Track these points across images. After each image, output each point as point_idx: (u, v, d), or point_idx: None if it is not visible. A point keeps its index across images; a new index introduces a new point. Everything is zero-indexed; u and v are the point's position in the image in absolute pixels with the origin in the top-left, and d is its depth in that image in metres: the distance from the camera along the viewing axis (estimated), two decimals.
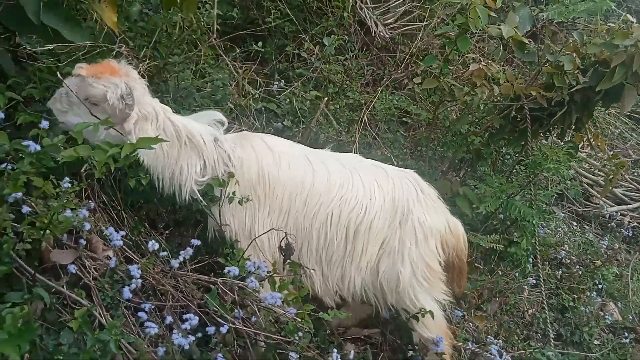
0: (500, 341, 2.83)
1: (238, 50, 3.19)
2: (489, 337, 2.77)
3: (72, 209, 1.73)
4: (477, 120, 3.42)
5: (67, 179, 1.68)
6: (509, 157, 3.86)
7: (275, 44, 3.54)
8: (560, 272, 3.55)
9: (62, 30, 1.96)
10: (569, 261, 3.68)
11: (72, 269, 1.79)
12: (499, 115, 3.21)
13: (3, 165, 1.52)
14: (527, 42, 2.91)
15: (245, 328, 1.95)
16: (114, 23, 1.97)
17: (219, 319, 1.91)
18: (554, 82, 2.85)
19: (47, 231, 1.60)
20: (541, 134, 3.42)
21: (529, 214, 3.02)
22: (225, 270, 1.96)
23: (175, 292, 2.05)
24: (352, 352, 2.08)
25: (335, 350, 1.97)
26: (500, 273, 3.17)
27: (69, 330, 1.48)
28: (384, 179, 2.28)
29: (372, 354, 2.36)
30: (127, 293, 1.68)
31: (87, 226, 1.80)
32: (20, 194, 1.56)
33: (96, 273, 1.97)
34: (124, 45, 2.30)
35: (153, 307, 1.87)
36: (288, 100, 3.16)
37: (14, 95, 1.91)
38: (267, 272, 2.02)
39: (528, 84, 3.19)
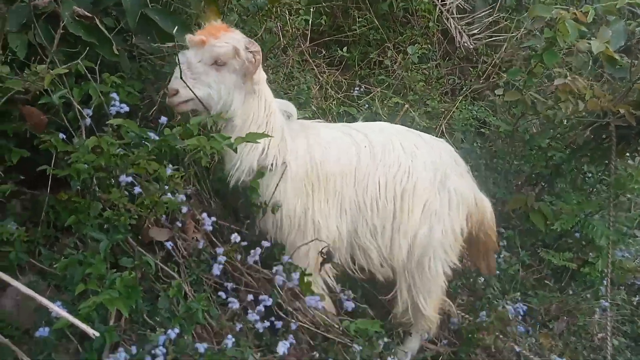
0: None
1: (324, 52, 3.34)
2: (554, 355, 2.74)
3: (172, 193, 1.95)
4: (559, 135, 3.36)
5: (171, 166, 1.90)
6: (590, 175, 3.73)
7: (359, 50, 3.68)
8: (637, 298, 3.40)
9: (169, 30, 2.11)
10: None
11: (169, 245, 2.03)
12: (583, 132, 3.14)
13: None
14: (618, 58, 2.82)
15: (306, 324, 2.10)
16: None
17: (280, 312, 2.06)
18: None
19: (152, 210, 1.83)
20: (627, 154, 3.29)
21: (606, 234, 2.93)
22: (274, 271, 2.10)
23: (248, 279, 2.24)
24: None
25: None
26: (570, 292, 3.10)
27: (166, 297, 1.70)
28: (422, 143, 2.33)
29: None
30: (216, 270, 1.87)
31: (185, 209, 2.02)
32: (130, 178, 1.80)
33: (185, 252, 2.22)
34: None
35: (233, 287, 2.07)
36: (367, 105, 3.29)
37: (132, 90, 2.14)
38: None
39: (617, 101, 3.09)
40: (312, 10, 3.10)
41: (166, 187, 1.77)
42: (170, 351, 1.61)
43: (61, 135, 1.82)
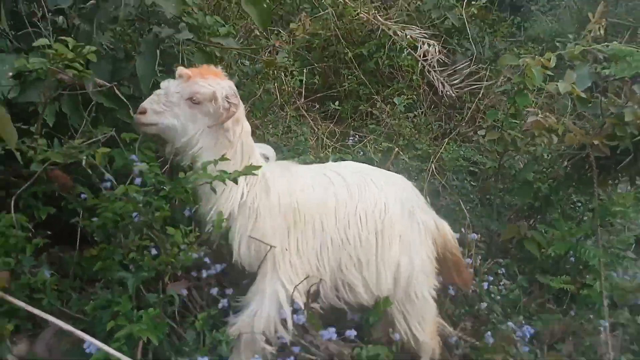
0: None
1: (318, 107, 3.63)
2: None
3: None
4: (543, 169, 3.58)
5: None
6: (580, 204, 3.92)
7: (351, 104, 3.99)
8: None
9: None
10: None
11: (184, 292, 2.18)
12: (564, 165, 3.37)
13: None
14: (585, 97, 3.10)
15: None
16: None
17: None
18: (616, 132, 2.99)
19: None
20: (610, 182, 3.50)
21: (599, 256, 3.08)
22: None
23: None
24: None
25: None
26: (573, 314, 3.19)
27: (193, 329, 1.85)
28: (390, 181, 2.45)
29: None
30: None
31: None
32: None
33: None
34: None
35: None
36: (361, 152, 3.53)
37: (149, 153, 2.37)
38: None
39: (594, 135, 3.33)
40: (305, 71, 3.41)
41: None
42: None
43: (83, 196, 2.05)
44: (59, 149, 1.94)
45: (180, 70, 2.07)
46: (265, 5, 2.17)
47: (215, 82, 2.08)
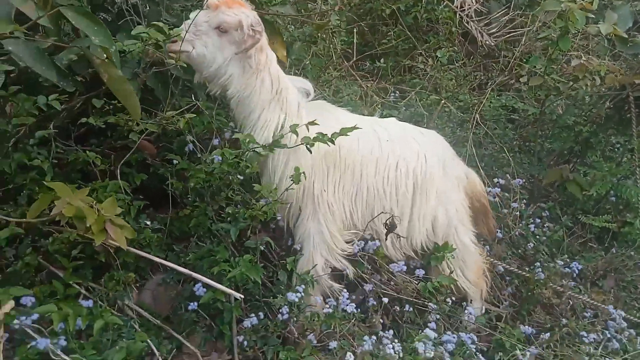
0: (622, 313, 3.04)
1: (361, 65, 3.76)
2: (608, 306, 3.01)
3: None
4: (583, 112, 3.69)
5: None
6: (619, 145, 4.03)
7: (390, 60, 4.11)
8: None
9: None
10: None
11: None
12: (604, 106, 3.47)
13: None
14: (625, 37, 3.16)
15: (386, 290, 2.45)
16: (284, 57, 2.62)
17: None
18: None
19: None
20: None
21: (638, 194, 3.23)
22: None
23: None
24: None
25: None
26: (614, 252, 3.38)
27: (285, 270, 2.13)
28: (427, 138, 2.60)
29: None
30: None
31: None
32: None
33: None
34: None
35: None
36: (405, 107, 3.69)
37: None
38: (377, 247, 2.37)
39: (634, 74, 3.41)
40: (345, 32, 3.53)
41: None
42: (292, 313, 2.02)
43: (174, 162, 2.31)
44: (153, 119, 2.17)
45: (209, 1, 2.14)
46: None
47: (240, 11, 2.15)
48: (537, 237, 3.27)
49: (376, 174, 2.39)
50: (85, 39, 1.71)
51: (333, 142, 2.08)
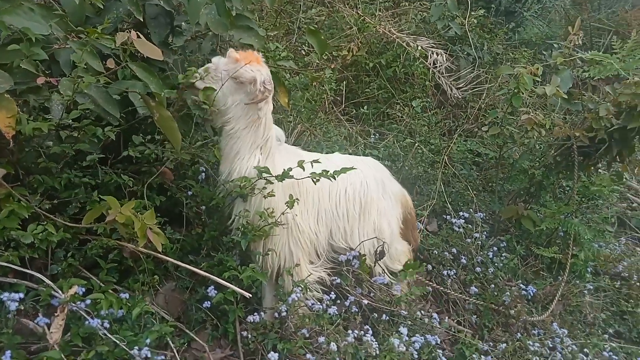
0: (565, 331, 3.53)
1: (347, 110, 4.32)
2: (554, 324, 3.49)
3: None
4: (536, 158, 4.29)
5: None
6: (568, 188, 4.61)
7: (372, 107, 4.68)
8: (618, 283, 4.16)
9: None
10: (627, 275, 4.27)
11: None
12: (553, 154, 4.07)
13: None
14: (566, 97, 3.78)
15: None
16: (287, 103, 3.06)
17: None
18: (592, 125, 3.70)
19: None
20: (591, 166, 4.19)
21: (583, 230, 3.78)
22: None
23: None
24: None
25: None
26: (561, 280, 3.88)
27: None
28: (367, 165, 3.03)
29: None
30: None
31: None
32: None
33: None
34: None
35: None
36: (384, 148, 4.23)
37: None
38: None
39: (576, 127, 4.03)
40: (334, 81, 4.10)
41: None
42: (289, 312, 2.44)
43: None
44: (186, 150, 2.64)
45: (232, 52, 2.46)
46: (322, 37, 2.85)
47: (256, 69, 2.46)
48: (495, 264, 3.77)
49: (329, 198, 2.82)
50: (136, 83, 2.18)
51: (335, 178, 2.55)
